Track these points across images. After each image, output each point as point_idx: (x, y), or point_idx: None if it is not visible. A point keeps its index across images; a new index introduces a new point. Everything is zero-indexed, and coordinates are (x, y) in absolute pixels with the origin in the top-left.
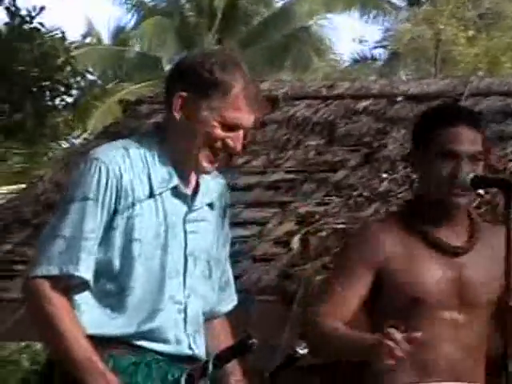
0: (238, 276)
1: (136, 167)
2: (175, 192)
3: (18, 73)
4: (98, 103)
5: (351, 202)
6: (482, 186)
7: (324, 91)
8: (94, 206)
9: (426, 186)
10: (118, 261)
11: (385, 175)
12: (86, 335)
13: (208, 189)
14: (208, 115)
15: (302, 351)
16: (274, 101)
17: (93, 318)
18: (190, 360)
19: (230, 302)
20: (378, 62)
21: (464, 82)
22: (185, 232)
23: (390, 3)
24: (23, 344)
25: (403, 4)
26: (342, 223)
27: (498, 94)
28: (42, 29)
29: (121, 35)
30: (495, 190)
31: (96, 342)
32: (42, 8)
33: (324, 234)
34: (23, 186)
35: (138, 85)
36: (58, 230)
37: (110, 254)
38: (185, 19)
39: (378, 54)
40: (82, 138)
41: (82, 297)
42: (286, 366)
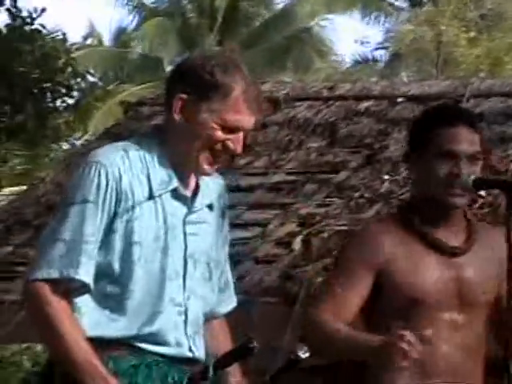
0: (239, 277)
1: (135, 169)
2: (175, 194)
3: (19, 74)
4: (99, 104)
5: (353, 203)
6: (484, 188)
7: (325, 92)
8: (94, 208)
9: (424, 186)
10: (118, 264)
11: (386, 176)
12: (86, 338)
13: (207, 190)
14: (208, 117)
15: (303, 355)
16: (275, 102)
17: (93, 320)
18: (190, 362)
19: (230, 303)
20: (379, 64)
21: (465, 84)
22: (184, 234)
23: (391, 4)
24: (24, 345)
25: (404, 5)
26: (344, 225)
27: (500, 96)
28: (43, 30)
29: (122, 36)
30: (497, 191)
31: (96, 344)
32: (43, 9)
33: (326, 235)
34: (24, 188)
35: (140, 86)
36: (58, 233)
37: (110, 257)
38: (186, 20)
39: (380, 55)
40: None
41: (82, 299)
42: (287, 369)
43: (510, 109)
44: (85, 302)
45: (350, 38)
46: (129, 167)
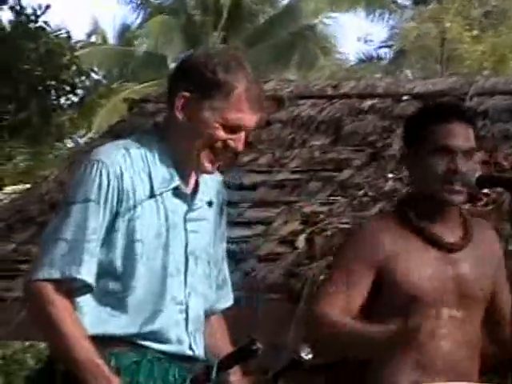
0: (243, 275)
1: (137, 167)
2: (176, 192)
3: (23, 72)
4: (103, 102)
5: (356, 201)
6: (487, 186)
7: (329, 90)
8: (96, 207)
9: (422, 182)
10: (120, 261)
11: (390, 175)
12: (88, 336)
13: (206, 187)
14: (210, 116)
15: (306, 357)
16: (279, 100)
17: (94, 317)
18: (190, 360)
19: (228, 300)
20: (383, 61)
21: (470, 81)
22: (185, 231)
23: (394, 2)
24: (27, 343)
25: (408, 3)
26: (347, 223)
27: (504, 93)
28: (47, 28)
29: (126, 34)
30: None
31: (98, 341)
32: (48, 7)
33: (329, 233)
34: (28, 186)
35: (144, 84)
36: (60, 232)
37: (112, 255)
38: (190, 18)
39: (384, 52)
40: (87, 137)
41: (84, 299)
42: (290, 369)
43: None
44: (86, 301)
45: (355, 35)
46: (130, 165)
